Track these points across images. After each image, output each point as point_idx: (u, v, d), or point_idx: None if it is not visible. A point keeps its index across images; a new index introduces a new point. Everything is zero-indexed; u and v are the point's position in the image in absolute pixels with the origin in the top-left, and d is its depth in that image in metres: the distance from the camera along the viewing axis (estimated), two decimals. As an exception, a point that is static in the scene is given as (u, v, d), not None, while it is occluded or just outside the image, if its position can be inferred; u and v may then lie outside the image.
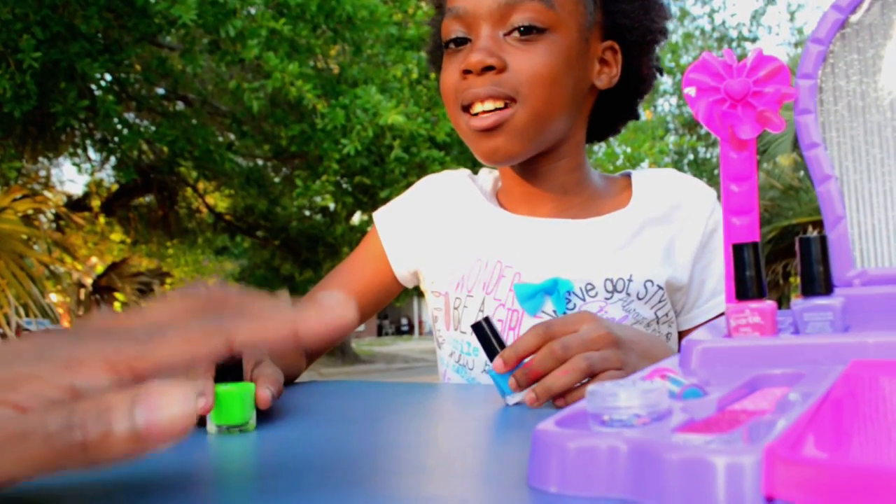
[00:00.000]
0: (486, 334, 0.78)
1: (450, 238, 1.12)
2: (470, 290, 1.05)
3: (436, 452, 0.54)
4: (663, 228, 1.05)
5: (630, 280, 1.01)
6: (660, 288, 1.02)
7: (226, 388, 0.66)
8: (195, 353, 0.35)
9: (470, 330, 1.05)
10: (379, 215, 1.19)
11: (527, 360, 0.74)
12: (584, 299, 0.99)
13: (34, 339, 0.36)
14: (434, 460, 0.51)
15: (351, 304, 0.39)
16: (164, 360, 0.35)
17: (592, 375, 0.73)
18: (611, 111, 1.11)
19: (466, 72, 0.97)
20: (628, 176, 1.13)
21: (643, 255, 1.03)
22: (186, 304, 0.39)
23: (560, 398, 0.73)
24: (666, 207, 1.06)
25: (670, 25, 1.10)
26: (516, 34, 0.97)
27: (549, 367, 0.72)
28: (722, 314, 1.03)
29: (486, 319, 0.79)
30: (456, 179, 1.17)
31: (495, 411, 0.72)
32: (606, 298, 1.00)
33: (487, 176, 1.18)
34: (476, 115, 0.98)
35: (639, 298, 1.01)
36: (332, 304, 0.38)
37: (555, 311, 0.99)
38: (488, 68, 0.96)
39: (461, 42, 1.00)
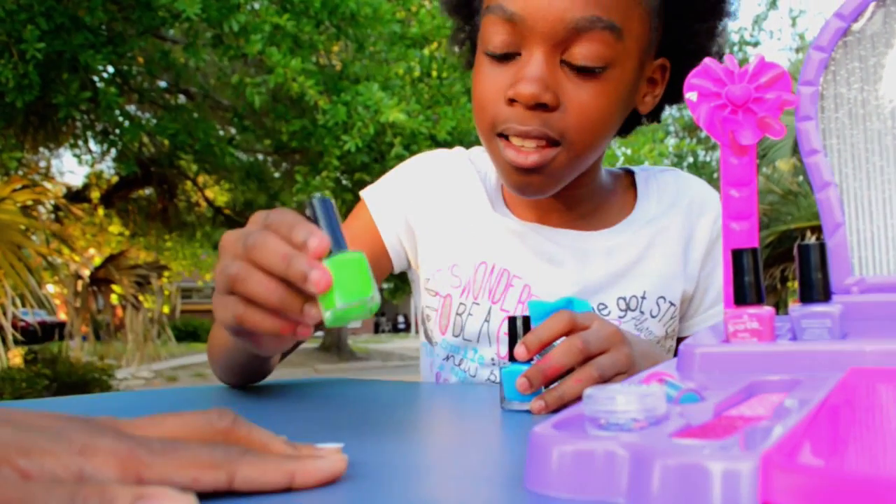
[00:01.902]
0: (517, 330, 0.74)
1: (452, 233, 1.06)
2: (476, 296, 1.02)
3: (432, 453, 0.54)
4: (673, 237, 1.03)
5: (643, 297, 0.99)
6: (672, 304, 1.00)
7: (336, 258, 0.51)
8: (198, 480, 0.37)
9: (475, 337, 1.01)
10: (369, 195, 1.10)
11: (537, 358, 0.71)
12: None
13: (56, 418, 0.38)
14: (430, 461, 0.51)
15: (344, 457, 0.42)
16: (168, 477, 0.36)
17: (603, 381, 0.69)
18: (637, 118, 1.03)
19: (513, 100, 0.86)
20: (631, 173, 1.10)
21: (656, 270, 1.01)
22: (199, 427, 0.41)
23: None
24: (675, 213, 1.04)
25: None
26: (575, 67, 0.86)
27: (570, 361, 0.69)
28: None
29: (526, 319, 0.74)
30: (457, 165, 1.09)
31: (493, 412, 0.72)
32: (620, 317, 0.98)
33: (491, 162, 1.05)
34: (515, 147, 0.88)
35: (652, 316, 0.99)
36: (327, 454, 0.42)
37: None
38: (540, 105, 0.85)
39: (509, 54, 0.88)
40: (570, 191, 0.99)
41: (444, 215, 1.07)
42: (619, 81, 0.88)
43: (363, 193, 1.11)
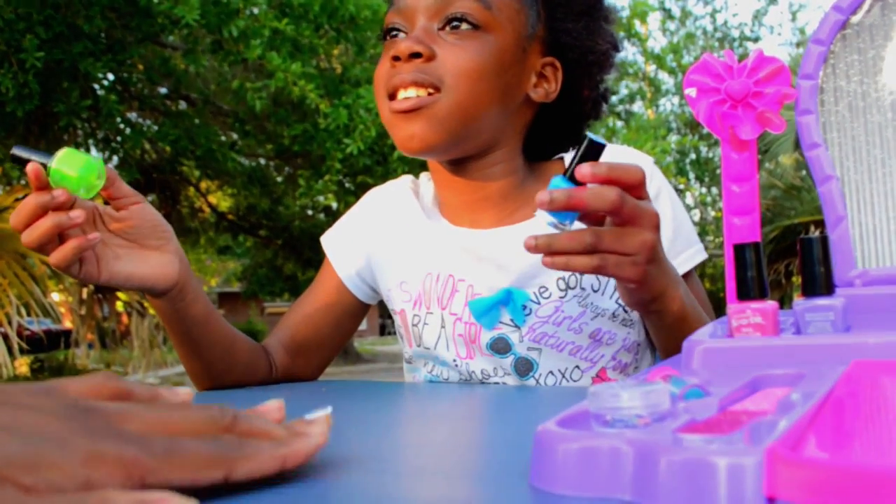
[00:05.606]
0: (584, 152, 0.75)
1: (396, 253, 1.09)
2: (429, 306, 1.04)
3: (438, 452, 0.54)
4: None
5: (581, 274, 0.98)
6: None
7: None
8: (197, 481, 0.39)
9: (434, 345, 1.03)
10: (326, 239, 1.18)
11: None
12: (539, 303, 0.98)
13: (58, 414, 0.38)
14: (436, 460, 0.51)
15: (327, 425, 0.46)
16: (170, 482, 0.38)
17: (597, 268, 0.73)
18: (551, 129, 1.08)
19: (395, 59, 0.96)
20: (562, 160, 1.10)
21: None
22: (202, 423, 0.43)
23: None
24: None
25: (619, 54, 1.06)
26: (449, 28, 0.96)
27: (598, 205, 0.71)
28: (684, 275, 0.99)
29: (602, 145, 0.75)
30: (399, 191, 1.15)
31: (498, 411, 0.72)
32: (561, 297, 0.98)
33: (429, 183, 1.14)
34: (398, 100, 0.96)
35: (594, 290, 0.98)
36: (312, 429, 0.45)
37: (512, 321, 0.98)
38: (415, 55, 0.95)
39: (398, 34, 0.99)
40: (491, 185, 1.03)
41: (387, 238, 1.12)
42: (493, 46, 0.96)
43: (323, 240, 1.18)
